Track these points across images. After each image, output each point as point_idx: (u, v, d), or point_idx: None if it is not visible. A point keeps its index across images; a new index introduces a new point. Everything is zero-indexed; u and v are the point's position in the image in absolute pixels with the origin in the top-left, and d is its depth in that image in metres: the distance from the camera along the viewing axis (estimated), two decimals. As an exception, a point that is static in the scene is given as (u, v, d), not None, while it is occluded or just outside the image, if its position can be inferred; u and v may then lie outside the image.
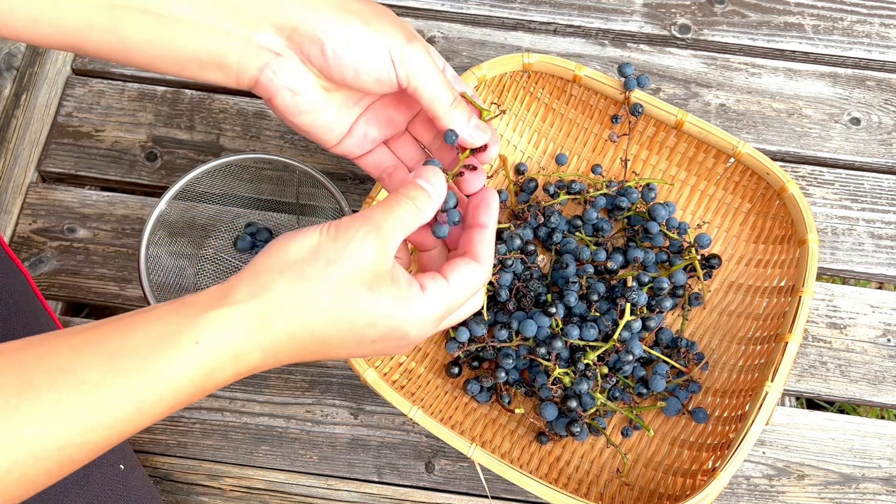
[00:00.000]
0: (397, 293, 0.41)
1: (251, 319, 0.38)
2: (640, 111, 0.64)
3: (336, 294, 0.40)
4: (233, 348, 0.38)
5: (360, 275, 0.40)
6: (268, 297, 0.39)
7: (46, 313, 0.58)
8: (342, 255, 0.40)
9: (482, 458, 0.55)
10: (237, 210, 0.73)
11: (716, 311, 0.67)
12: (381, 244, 0.41)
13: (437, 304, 0.42)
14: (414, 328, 0.42)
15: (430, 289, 0.42)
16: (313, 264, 0.40)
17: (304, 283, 0.39)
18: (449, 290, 0.43)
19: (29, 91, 0.78)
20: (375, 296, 0.40)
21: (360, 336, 0.41)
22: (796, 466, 0.67)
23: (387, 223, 0.41)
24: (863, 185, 0.76)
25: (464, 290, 0.43)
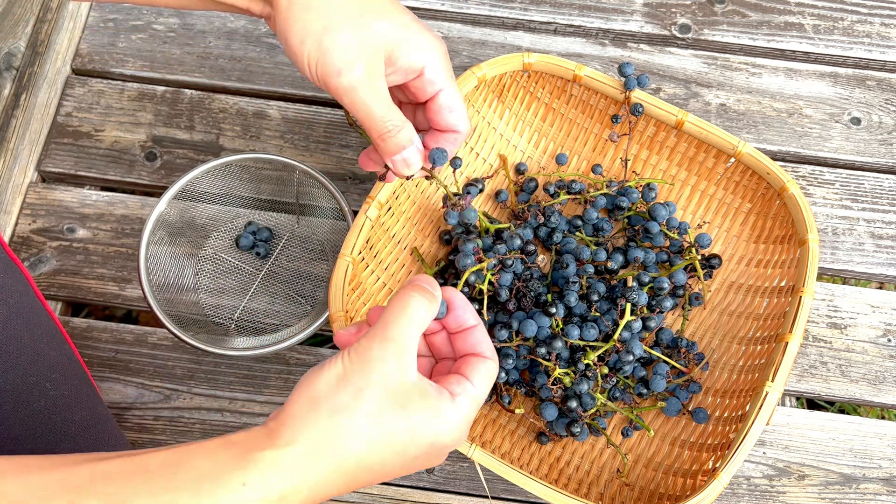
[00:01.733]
0: (429, 406, 0.42)
1: (295, 461, 0.39)
2: (640, 111, 0.64)
3: (373, 421, 0.40)
4: (279, 490, 0.38)
5: (391, 397, 0.41)
6: (309, 437, 0.39)
7: (46, 313, 0.58)
8: (370, 380, 0.41)
9: (482, 459, 0.55)
10: (237, 210, 0.73)
11: (716, 311, 0.67)
12: (401, 358, 0.41)
13: (468, 407, 0.43)
14: (450, 437, 0.42)
15: (458, 395, 0.43)
16: (344, 395, 0.40)
17: (340, 416, 0.40)
18: (474, 392, 0.44)
19: (29, 91, 0.78)
20: (409, 413, 0.41)
21: (402, 456, 0.41)
22: (797, 467, 0.67)
23: (403, 333, 0.42)
24: (863, 184, 0.76)
25: (486, 387, 0.45)
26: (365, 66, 0.46)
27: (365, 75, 0.46)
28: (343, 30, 0.45)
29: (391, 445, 0.41)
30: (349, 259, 0.58)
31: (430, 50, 0.49)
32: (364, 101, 0.47)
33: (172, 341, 0.70)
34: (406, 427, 0.41)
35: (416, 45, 0.48)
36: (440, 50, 0.50)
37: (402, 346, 0.42)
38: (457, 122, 0.52)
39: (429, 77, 0.50)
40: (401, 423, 0.41)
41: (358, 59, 0.46)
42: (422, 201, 0.68)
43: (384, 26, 0.47)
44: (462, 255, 0.60)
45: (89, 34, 0.81)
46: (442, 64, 0.50)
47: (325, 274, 0.71)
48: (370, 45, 0.46)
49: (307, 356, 0.70)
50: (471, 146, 0.69)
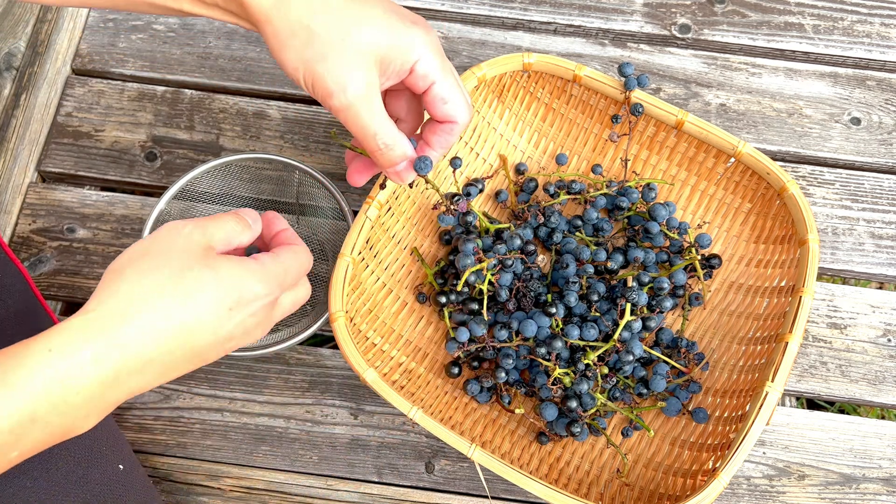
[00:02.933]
0: (234, 262, 0.44)
1: (104, 320, 0.40)
2: (640, 111, 0.64)
3: (177, 276, 0.42)
4: (89, 351, 0.39)
5: (193, 256, 0.43)
6: (117, 299, 0.40)
7: (46, 313, 0.58)
8: (171, 246, 0.43)
9: (482, 459, 0.55)
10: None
11: (716, 311, 0.67)
12: (207, 236, 0.45)
13: (272, 266, 0.46)
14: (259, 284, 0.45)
15: (261, 257, 0.47)
16: (148, 260, 0.43)
17: (145, 277, 0.42)
18: (278, 258, 0.47)
19: (29, 91, 0.78)
20: (213, 268, 0.43)
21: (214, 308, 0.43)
22: (797, 467, 0.67)
23: (210, 223, 0.46)
24: (863, 185, 0.76)
25: (293, 260, 0.48)
26: (356, 86, 0.46)
27: (357, 95, 0.47)
28: (330, 55, 0.46)
29: (199, 299, 0.42)
30: (349, 259, 0.58)
31: (419, 46, 0.48)
32: (357, 120, 0.48)
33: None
34: (210, 279, 0.43)
35: (404, 46, 0.48)
36: (430, 43, 0.49)
37: (205, 229, 0.45)
38: (453, 112, 0.51)
39: (420, 72, 0.49)
40: (205, 275, 0.43)
41: (349, 80, 0.46)
42: (422, 201, 0.68)
43: (370, 37, 0.46)
44: (462, 255, 0.60)
45: (89, 34, 0.81)
46: (432, 56, 0.49)
47: (325, 274, 0.71)
48: (360, 63, 0.46)
49: (307, 356, 0.70)
50: (471, 146, 0.69)
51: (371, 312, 0.63)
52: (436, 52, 0.50)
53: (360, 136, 0.49)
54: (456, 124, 0.52)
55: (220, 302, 0.43)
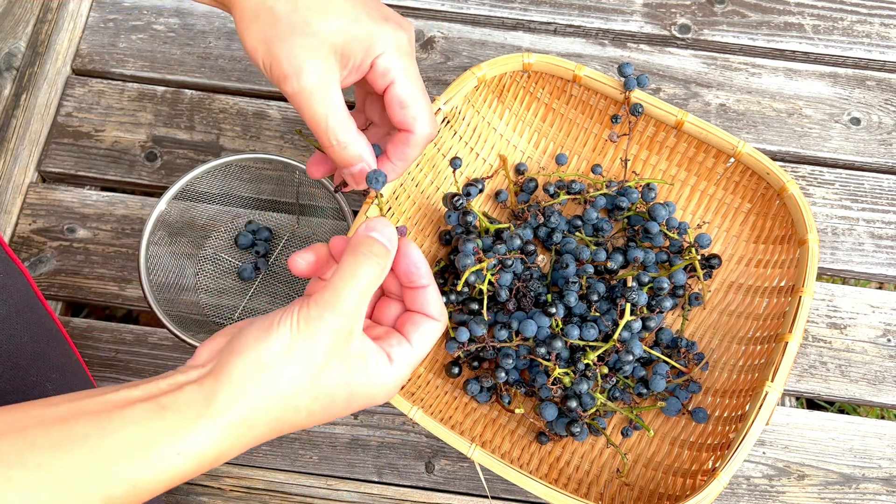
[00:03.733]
0: (368, 371, 0.42)
1: (235, 430, 0.39)
2: (640, 111, 0.64)
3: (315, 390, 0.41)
4: (214, 454, 0.39)
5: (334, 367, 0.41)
6: (249, 408, 0.39)
7: (47, 313, 0.58)
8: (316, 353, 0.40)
9: (482, 458, 0.55)
10: (237, 210, 0.73)
11: (716, 311, 0.67)
12: (349, 329, 0.41)
13: (403, 368, 0.44)
14: (382, 394, 0.43)
15: (396, 358, 0.43)
16: (288, 365, 0.40)
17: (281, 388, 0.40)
18: (413, 352, 0.44)
19: (29, 91, 0.78)
20: (349, 382, 0.41)
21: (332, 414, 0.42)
22: (796, 466, 0.67)
23: (353, 305, 0.41)
24: (863, 185, 0.76)
25: (426, 347, 0.45)
26: (312, 73, 0.44)
27: (311, 82, 0.45)
28: (289, 38, 0.44)
29: (327, 410, 0.41)
30: (349, 259, 0.58)
31: (382, 42, 0.46)
32: (309, 108, 0.45)
33: (172, 341, 0.70)
34: (345, 395, 0.41)
35: (367, 40, 0.46)
36: (396, 41, 0.47)
37: (351, 317, 0.41)
38: (410, 120, 0.48)
39: (379, 69, 0.46)
40: (340, 391, 0.41)
41: (306, 66, 0.44)
42: (422, 201, 0.68)
43: (332, 26, 0.45)
44: (462, 255, 0.60)
45: (89, 34, 0.81)
46: (395, 55, 0.46)
47: (325, 274, 0.71)
48: (319, 51, 0.45)
49: (307, 356, 0.70)
50: (471, 146, 0.70)
51: (371, 312, 0.63)
52: (401, 51, 0.47)
53: (313, 128, 0.46)
54: (412, 134, 0.48)
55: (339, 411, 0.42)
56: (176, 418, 0.38)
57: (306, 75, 0.44)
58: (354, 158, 0.48)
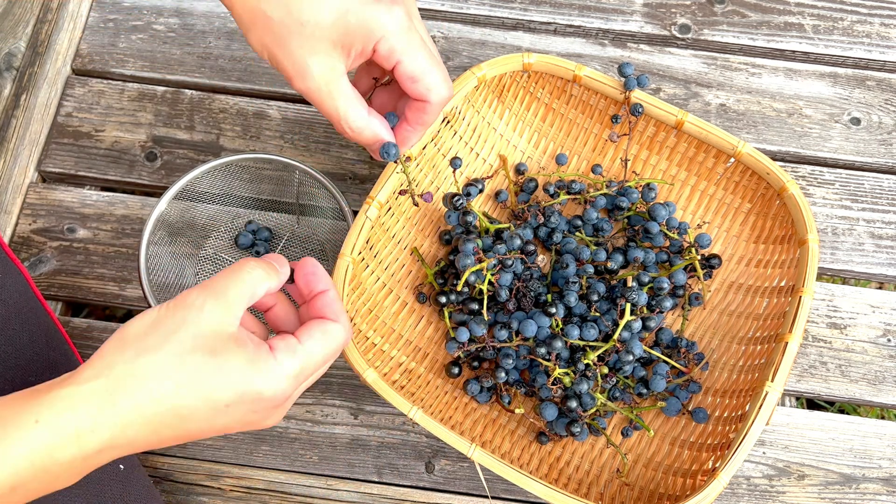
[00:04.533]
0: (243, 355, 0.41)
1: (93, 397, 0.38)
2: (640, 111, 0.64)
3: (178, 361, 0.40)
4: (74, 426, 0.38)
5: (201, 340, 0.40)
6: (110, 375, 0.39)
7: (46, 313, 0.58)
8: (181, 325, 0.40)
9: (482, 458, 0.55)
10: (237, 210, 0.73)
11: (716, 311, 0.67)
12: (222, 309, 0.41)
13: (289, 363, 0.42)
14: (267, 388, 0.41)
15: (279, 349, 0.42)
16: (153, 337, 0.40)
17: (145, 356, 0.39)
18: (302, 349, 0.43)
19: (29, 91, 0.78)
20: (219, 359, 0.40)
21: (211, 402, 0.40)
22: (796, 466, 0.67)
23: (229, 289, 0.42)
24: (863, 185, 0.76)
25: (320, 349, 0.43)
26: (315, 71, 0.46)
27: (316, 80, 0.46)
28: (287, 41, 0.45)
29: (197, 389, 0.40)
30: (349, 259, 0.58)
31: (380, 25, 0.46)
32: (321, 104, 0.47)
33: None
34: (213, 370, 0.40)
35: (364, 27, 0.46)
36: (392, 21, 0.46)
37: (225, 298, 0.41)
38: (423, 90, 0.49)
39: (382, 52, 0.47)
40: (208, 365, 0.40)
41: (308, 65, 0.45)
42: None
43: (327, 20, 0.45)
44: (462, 255, 0.60)
45: (89, 34, 0.81)
46: (394, 35, 0.46)
47: (325, 274, 0.71)
48: (319, 47, 0.45)
49: (307, 356, 0.70)
50: (471, 146, 0.70)
51: (371, 312, 0.63)
52: (399, 29, 0.47)
53: (329, 119, 0.48)
54: (428, 103, 0.49)
55: (218, 398, 0.40)
56: (38, 390, 0.39)
57: (310, 75, 0.45)
58: (372, 139, 0.50)
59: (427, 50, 0.48)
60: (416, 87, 0.48)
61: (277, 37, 0.45)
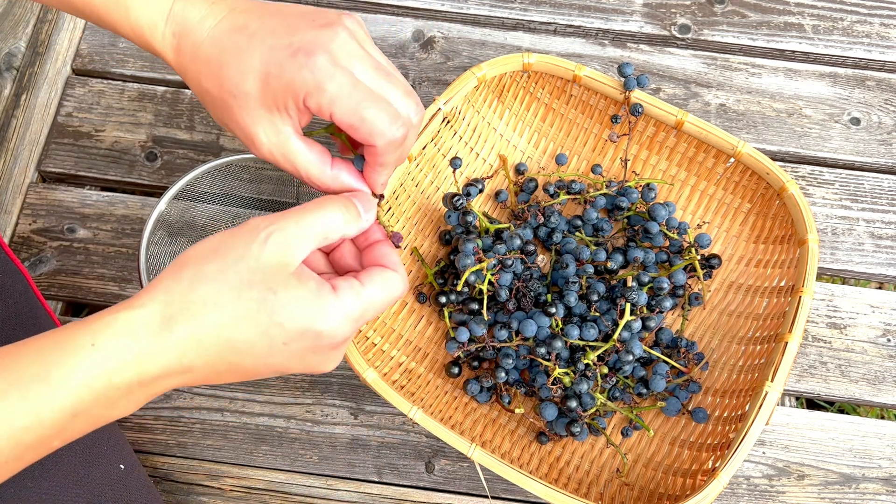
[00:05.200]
0: (305, 292, 0.40)
1: (150, 321, 0.38)
2: (640, 111, 0.64)
3: (235, 294, 0.39)
4: (133, 351, 0.38)
5: (259, 276, 0.39)
6: (167, 299, 0.38)
7: (46, 313, 0.58)
8: (242, 256, 0.39)
9: (482, 458, 0.55)
10: (237, 210, 0.73)
11: (716, 311, 0.67)
12: (287, 245, 0.40)
13: (352, 304, 0.41)
14: (328, 326, 0.40)
15: (343, 289, 0.41)
16: (213, 264, 0.39)
17: (202, 285, 0.39)
18: (365, 292, 0.42)
19: (29, 91, 0.78)
20: (278, 296, 0.39)
21: (268, 338, 0.39)
22: (796, 466, 0.67)
23: (298, 226, 0.41)
24: (863, 185, 0.76)
25: (380, 294, 0.43)
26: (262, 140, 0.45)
27: (269, 147, 0.45)
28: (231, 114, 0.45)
29: (255, 324, 0.39)
30: (349, 259, 0.58)
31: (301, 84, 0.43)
32: (282, 166, 0.46)
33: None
34: (272, 307, 0.39)
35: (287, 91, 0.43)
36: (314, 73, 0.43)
37: (293, 235, 0.40)
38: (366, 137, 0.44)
39: (314, 109, 0.44)
40: (267, 302, 0.39)
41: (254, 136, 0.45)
42: (422, 201, 0.68)
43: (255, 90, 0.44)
44: (462, 255, 0.60)
45: (89, 34, 0.81)
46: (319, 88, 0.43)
47: (325, 274, 0.71)
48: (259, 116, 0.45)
49: (307, 356, 0.70)
50: (471, 146, 0.70)
51: (371, 312, 0.63)
52: (322, 80, 0.43)
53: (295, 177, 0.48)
54: (376, 147, 0.45)
55: (276, 334, 0.39)
56: (93, 318, 0.38)
57: (260, 142, 0.45)
58: (340, 190, 0.48)
59: (361, 91, 0.43)
60: (357, 135, 0.45)
61: (221, 111, 0.45)
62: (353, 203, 0.44)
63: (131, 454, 0.57)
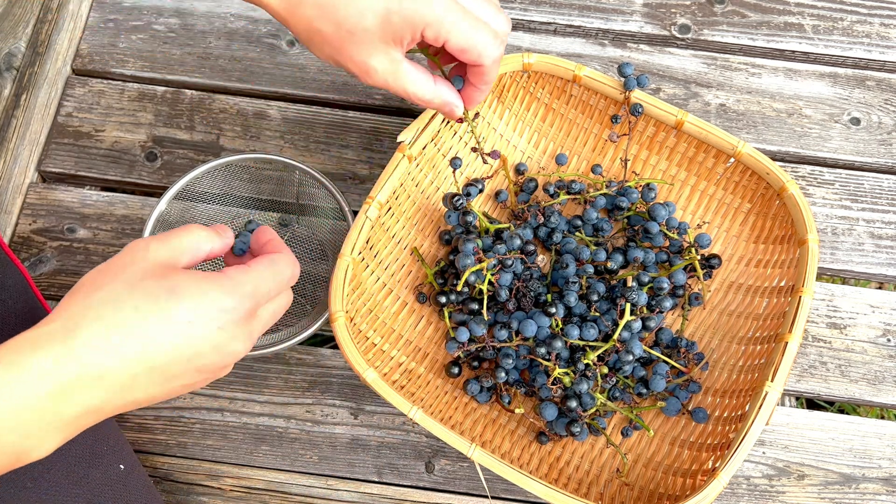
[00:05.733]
0: (194, 276, 0.42)
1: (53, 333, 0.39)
2: (640, 111, 0.64)
3: (129, 288, 0.41)
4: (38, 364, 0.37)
5: (150, 272, 0.42)
6: (67, 314, 0.39)
7: (46, 313, 0.58)
8: (129, 264, 0.42)
9: (482, 458, 0.55)
10: (237, 210, 0.73)
11: (716, 311, 0.67)
12: (168, 250, 0.43)
13: (242, 280, 0.43)
14: (224, 297, 0.42)
15: (229, 270, 0.44)
16: (103, 276, 0.41)
17: (97, 292, 0.40)
18: (252, 271, 0.44)
19: (29, 91, 0.78)
20: (170, 281, 0.41)
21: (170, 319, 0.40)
22: (796, 466, 0.67)
23: (175, 237, 0.44)
24: (863, 185, 0.76)
25: (270, 272, 0.45)
26: (376, 68, 0.51)
27: (380, 75, 0.51)
28: (345, 50, 0.50)
29: (154, 308, 0.40)
30: (349, 259, 0.59)
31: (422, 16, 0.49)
32: (392, 89, 0.52)
33: (172, 341, 0.70)
34: (167, 291, 0.41)
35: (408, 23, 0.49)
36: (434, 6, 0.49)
37: (170, 243, 0.43)
38: (474, 58, 0.52)
39: (430, 38, 0.50)
40: (161, 287, 0.41)
41: (369, 65, 0.50)
42: (422, 201, 0.68)
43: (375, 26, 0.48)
44: (462, 255, 0.60)
45: (89, 34, 0.81)
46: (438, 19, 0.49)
47: (325, 274, 0.71)
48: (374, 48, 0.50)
49: (307, 356, 0.70)
50: (471, 146, 0.70)
51: (371, 312, 0.63)
52: (441, 13, 0.49)
53: (402, 97, 0.54)
54: (482, 66, 0.53)
55: (177, 314, 0.40)
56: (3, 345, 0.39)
57: (374, 71, 0.51)
58: (441, 105, 0.55)
59: (469, 19, 0.50)
60: (467, 57, 0.51)
61: (335, 47, 0.50)
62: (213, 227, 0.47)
63: (131, 454, 0.57)
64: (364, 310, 0.63)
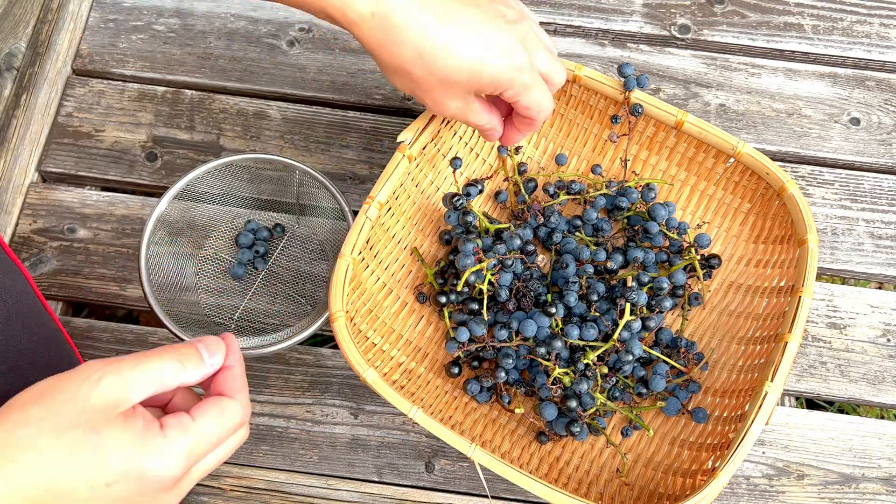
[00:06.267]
0: (129, 432, 0.39)
1: None
2: (639, 111, 0.64)
3: (54, 436, 0.37)
4: None
5: (84, 417, 0.38)
6: None
7: (47, 314, 0.58)
8: (70, 398, 0.38)
9: (482, 458, 0.55)
10: (237, 210, 0.74)
11: (716, 311, 0.67)
12: (120, 388, 0.39)
13: (180, 441, 0.40)
14: (153, 467, 0.39)
15: (170, 426, 0.40)
16: (36, 408, 0.38)
17: (22, 429, 0.37)
18: (194, 427, 0.41)
19: (29, 91, 0.78)
20: (100, 436, 0.38)
21: (89, 481, 0.38)
22: (796, 466, 0.67)
23: (133, 371, 0.40)
24: (862, 185, 0.76)
25: (214, 427, 0.42)
26: (452, 110, 0.55)
27: (454, 112, 0.55)
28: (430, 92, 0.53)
29: (74, 466, 0.37)
30: (349, 259, 0.59)
31: (509, 79, 0.52)
32: (459, 120, 0.57)
33: (173, 341, 0.70)
34: (92, 447, 0.38)
35: (495, 82, 0.52)
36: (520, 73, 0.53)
37: (126, 380, 0.39)
38: (533, 114, 0.56)
39: (507, 97, 0.54)
40: (86, 442, 0.38)
41: (445, 106, 0.54)
42: (422, 201, 0.68)
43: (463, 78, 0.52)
44: (462, 255, 0.60)
45: (90, 34, 0.81)
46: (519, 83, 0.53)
47: (325, 274, 0.71)
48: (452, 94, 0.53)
49: (307, 356, 0.70)
50: (471, 146, 0.70)
51: (371, 312, 0.63)
52: (523, 79, 0.53)
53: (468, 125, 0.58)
54: (535, 120, 0.57)
55: (97, 476, 0.38)
56: None
57: (448, 109, 0.55)
58: (490, 131, 0.59)
59: (541, 85, 0.55)
60: (527, 113, 0.56)
61: (422, 88, 0.53)
62: (196, 350, 0.43)
63: None
64: (364, 310, 0.63)
